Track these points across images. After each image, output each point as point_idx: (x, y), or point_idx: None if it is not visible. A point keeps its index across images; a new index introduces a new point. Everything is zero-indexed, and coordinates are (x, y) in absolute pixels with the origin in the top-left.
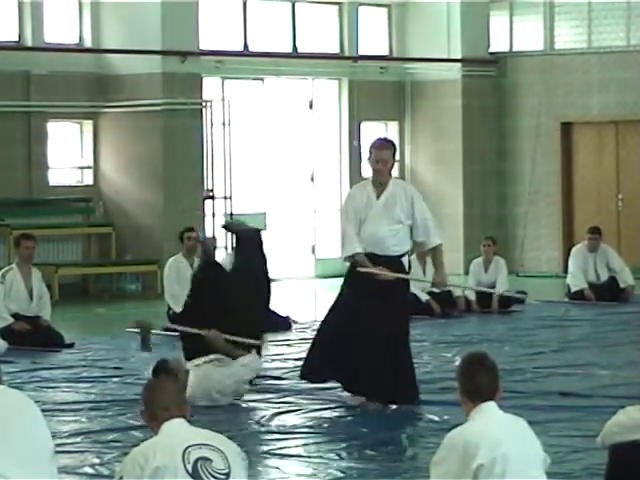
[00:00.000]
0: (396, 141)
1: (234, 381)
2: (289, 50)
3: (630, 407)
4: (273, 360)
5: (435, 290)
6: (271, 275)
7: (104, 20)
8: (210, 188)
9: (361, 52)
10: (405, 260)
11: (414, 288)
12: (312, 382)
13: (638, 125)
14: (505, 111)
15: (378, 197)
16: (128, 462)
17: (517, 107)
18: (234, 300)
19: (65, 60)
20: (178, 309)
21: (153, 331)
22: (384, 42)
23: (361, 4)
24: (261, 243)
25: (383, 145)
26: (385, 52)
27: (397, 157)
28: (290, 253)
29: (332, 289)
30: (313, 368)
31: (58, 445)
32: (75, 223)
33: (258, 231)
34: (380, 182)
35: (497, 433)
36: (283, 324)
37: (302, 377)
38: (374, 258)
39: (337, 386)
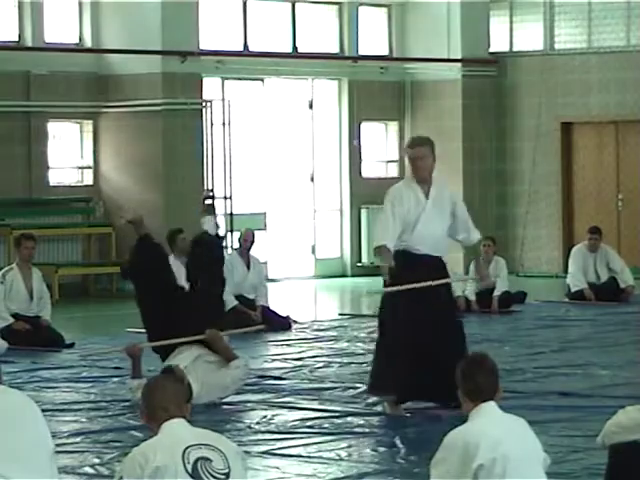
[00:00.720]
0: (396, 141)
1: (234, 389)
2: (289, 50)
3: (630, 407)
4: (273, 360)
5: None
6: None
7: (104, 20)
8: (210, 188)
9: (361, 52)
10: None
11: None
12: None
13: (638, 125)
14: (505, 111)
15: (427, 196)
16: (128, 462)
17: (517, 107)
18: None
19: (65, 60)
20: None
21: (145, 345)
22: (384, 42)
23: (361, 4)
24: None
25: (417, 142)
26: (385, 52)
27: (396, 157)
28: (290, 253)
29: (332, 289)
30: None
31: (58, 445)
32: (75, 223)
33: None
34: (424, 180)
35: (497, 433)
36: (283, 324)
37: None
38: (425, 259)
39: (337, 386)
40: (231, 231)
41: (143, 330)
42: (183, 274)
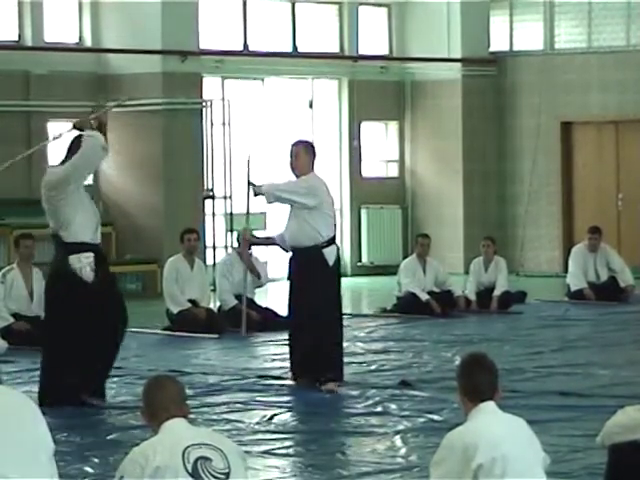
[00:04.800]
0: (396, 140)
1: None
2: (289, 50)
3: (629, 407)
4: (273, 360)
5: (435, 290)
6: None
7: (104, 19)
8: (210, 188)
9: (361, 52)
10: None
11: (414, 288)
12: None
13: (638, 125)
14: (505, 111)
15: None
16: (128, 462)
17: (517, 107)
18: None
19: (65, 60)
20: (175, 309)
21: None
22: (384, 42)
23: (361, 4)
24: None
25: (296, 143)
26: (385, 52)
27: (396, 157)
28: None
29: None
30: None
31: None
32: None
33: None
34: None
35: (496, 433)
36: (283, 324)
37: None
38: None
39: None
40: (231, 231)
41: (142, 329)
42: (187, 272)
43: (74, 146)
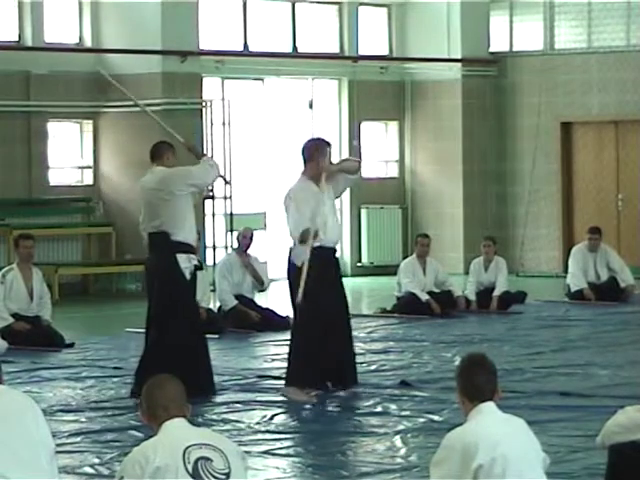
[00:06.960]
0: (396, 141)
1: None
2: (289, 50)
3: (629, 407)
4: (273, 360)
5: (435, 290)
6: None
7: (104, 20)
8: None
9: (361, 52)
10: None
11: (414, 288)
12: None
13: (638, 125)
14: (505, 111)
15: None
16: (128, 462)
17: (517, 107)
18: None
19: (65, 60)
20: None
21: None
22: (384, 42)
23: (361, 4)
24: None
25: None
26: (385, 52)
27: (396, 157)
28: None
29: None
30: None
31: (58, 445)
32: (75, 223)
33: None
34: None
35: (496, 433)
36: (283, 324)
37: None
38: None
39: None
40: (231, 231)
41: (142, 330)
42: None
43: (160, 152)
